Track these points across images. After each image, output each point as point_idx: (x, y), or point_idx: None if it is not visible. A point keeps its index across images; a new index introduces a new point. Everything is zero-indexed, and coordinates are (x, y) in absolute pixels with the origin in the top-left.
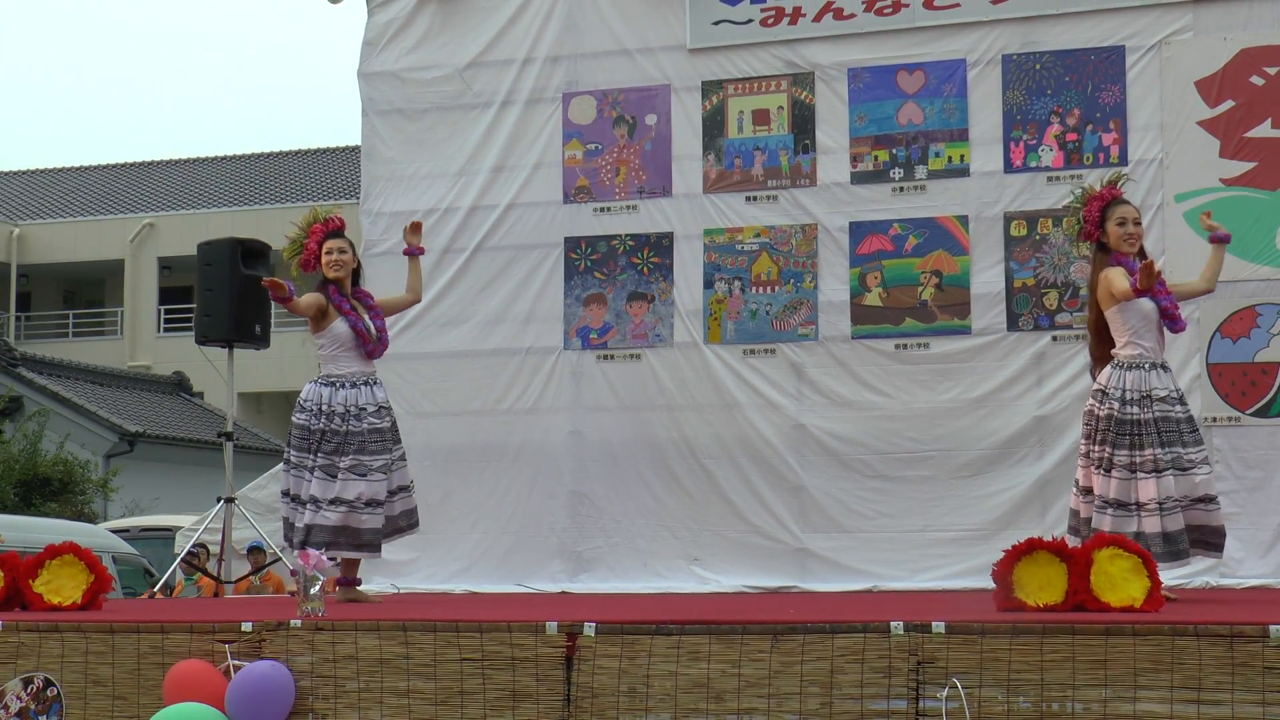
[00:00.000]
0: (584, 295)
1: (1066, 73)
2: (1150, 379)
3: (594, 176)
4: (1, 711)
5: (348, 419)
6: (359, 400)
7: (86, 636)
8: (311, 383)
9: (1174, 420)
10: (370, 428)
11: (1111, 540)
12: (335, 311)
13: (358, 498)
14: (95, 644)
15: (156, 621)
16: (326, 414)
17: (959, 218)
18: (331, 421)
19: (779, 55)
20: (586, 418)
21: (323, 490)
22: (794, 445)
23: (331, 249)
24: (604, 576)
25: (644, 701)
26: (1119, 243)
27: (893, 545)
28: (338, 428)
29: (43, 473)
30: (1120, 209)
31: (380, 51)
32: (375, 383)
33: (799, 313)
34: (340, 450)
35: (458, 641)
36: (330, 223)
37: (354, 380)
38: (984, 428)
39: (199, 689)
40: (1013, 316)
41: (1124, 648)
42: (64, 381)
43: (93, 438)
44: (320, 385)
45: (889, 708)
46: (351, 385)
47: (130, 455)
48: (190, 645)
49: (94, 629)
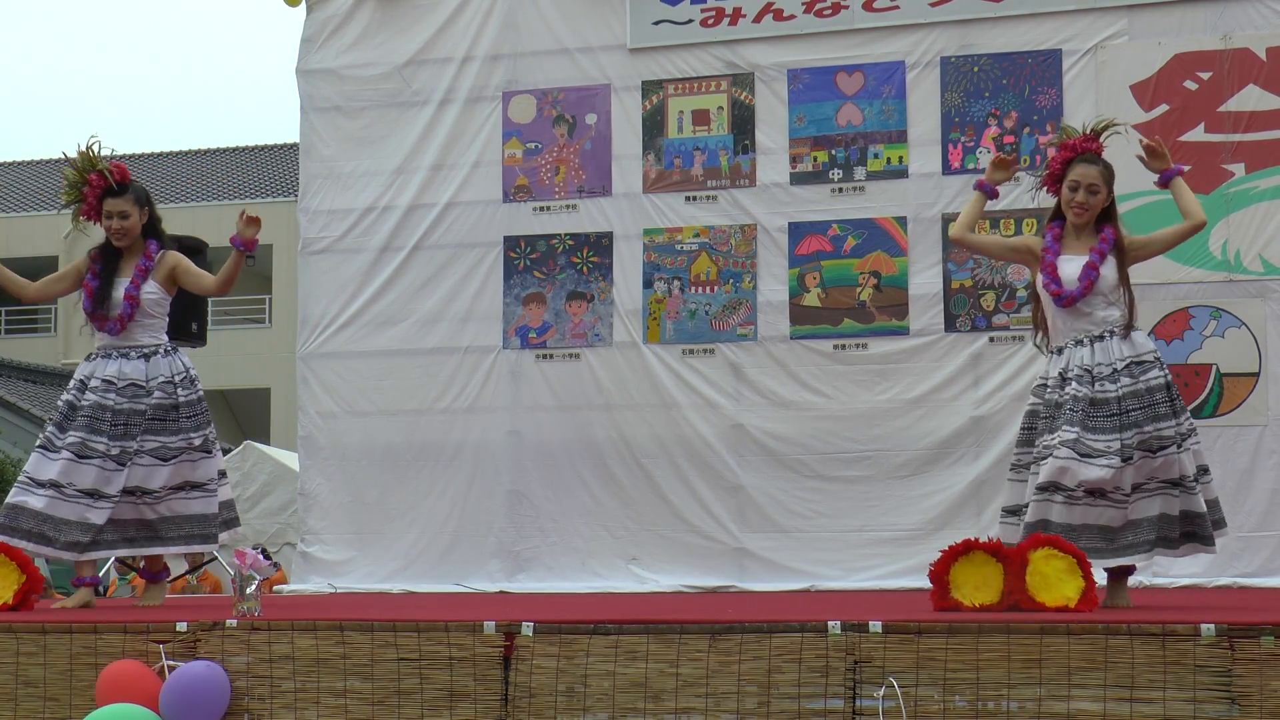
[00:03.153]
0: (523, 294)
1: (1004, 75)
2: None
3: (533, 175)
4: None
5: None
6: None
7: (18, 637)
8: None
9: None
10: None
11: (1047, 541)
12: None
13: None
14: (26, 644)
15: (90, 621)
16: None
17: (897, 219)
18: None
19: (719, 56)
20: (525, 417)
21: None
22: (732, 445)
23: (111, 212)
24: (542, 576)
25: (582, 701)
26: (1065, 208)
27: (830, 545)
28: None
29: None
30: (1078, 169)
31: (319, 49)
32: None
33: (738, 313)
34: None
35: (395, 641)
36: (112, 174)
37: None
38: (921, 428)
39: (133, 689)
40: (950, 317)
41: (1058, 647)
42: None
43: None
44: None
45: (826, 707)
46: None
47: None
48: (124, 645)
49: (25, 629)
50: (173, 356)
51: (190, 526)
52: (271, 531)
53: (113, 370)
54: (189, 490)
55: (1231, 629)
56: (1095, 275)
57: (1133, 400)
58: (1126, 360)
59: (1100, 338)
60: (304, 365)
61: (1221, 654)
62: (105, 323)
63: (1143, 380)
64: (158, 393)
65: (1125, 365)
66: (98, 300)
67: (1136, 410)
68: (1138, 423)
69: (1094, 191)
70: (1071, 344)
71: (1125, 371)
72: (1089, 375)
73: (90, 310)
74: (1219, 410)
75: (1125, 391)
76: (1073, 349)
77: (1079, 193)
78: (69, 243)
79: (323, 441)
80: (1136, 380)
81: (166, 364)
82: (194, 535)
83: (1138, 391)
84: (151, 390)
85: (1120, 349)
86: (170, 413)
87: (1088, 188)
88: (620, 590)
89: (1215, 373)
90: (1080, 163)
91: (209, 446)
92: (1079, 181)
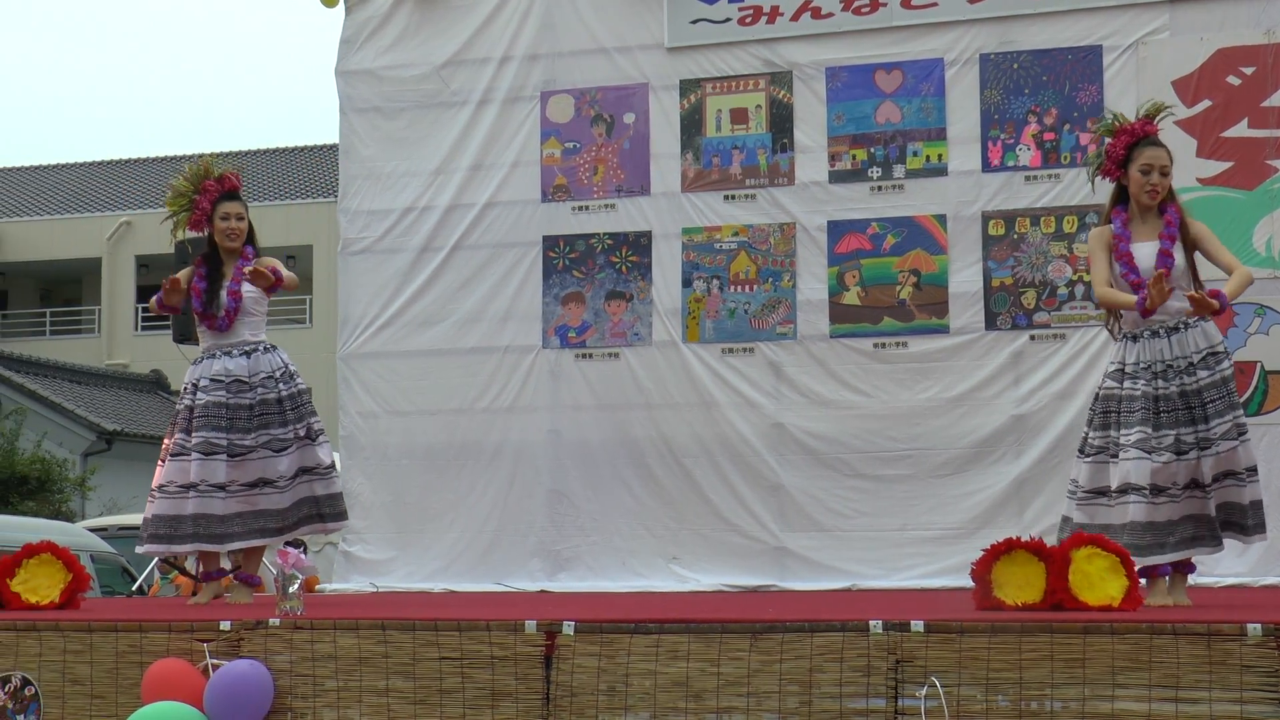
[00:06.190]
0: (562, 294)
1: (1044, 72)
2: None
3: (572, 175)
4: None
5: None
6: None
7: (64, 635)
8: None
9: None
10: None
11: (1090, 540)
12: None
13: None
14: (73, 643)
15: (134, 620)
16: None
17: (937, 217)
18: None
19: (757, 54)
20: (565, 416)
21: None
22: (772, 444)
23: (229, 213)
24: (583, 575)
25: (623, 700)
26: (1139, 192)
27: (871, 544)
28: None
29: (20, 471)
30: (1148, 151)
31: (358, 50)
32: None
33: (777, 311)
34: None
35: (437, 640)
36: (225, 180)
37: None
38: (962, 427)
39: (177, 688)
40: (990, 315)
41: (1102, 646)
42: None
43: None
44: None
45: (868, 706)
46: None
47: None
48: (168, 644)
49: (72, 628)
50: (272, 353)
51: (316, 508)
52: None
53: (218, 368)
54: (305, 476)
55: (1279, 629)
56: (1171, 261)
57: (1212, 391)
58: (1203, 352)
59: (1175, 329)
60: (344, 365)
61: (1268, 654)
62: (214, 321)
63: (1218, 371)
64: (260, 388)
65: (1202, 357)
66: (206, 301)
67: (1215, 401)
68: (1220, 412)
69: (1165, 173)
70: (1147, 335)
71: (1202, 364)
72: (1169, 370)
73: (200, 310)
74: (1264, 408)
75: (1205, 384)
76: (1148, 340)
77: (1152, 175)
78: (111, 244)
79: (363, 441)
80: (1213, 372)
81: (267, 360)
82: (325, 515)
83: (1215, 383)
84: (255, 385)
85: (1196, 340)
86: (275, 406)
87: (1160, 169)
88: (661, 590)
89: (1260, 370)
90: (1148, 145)
91: (314, 435)
92: (1151, 164)
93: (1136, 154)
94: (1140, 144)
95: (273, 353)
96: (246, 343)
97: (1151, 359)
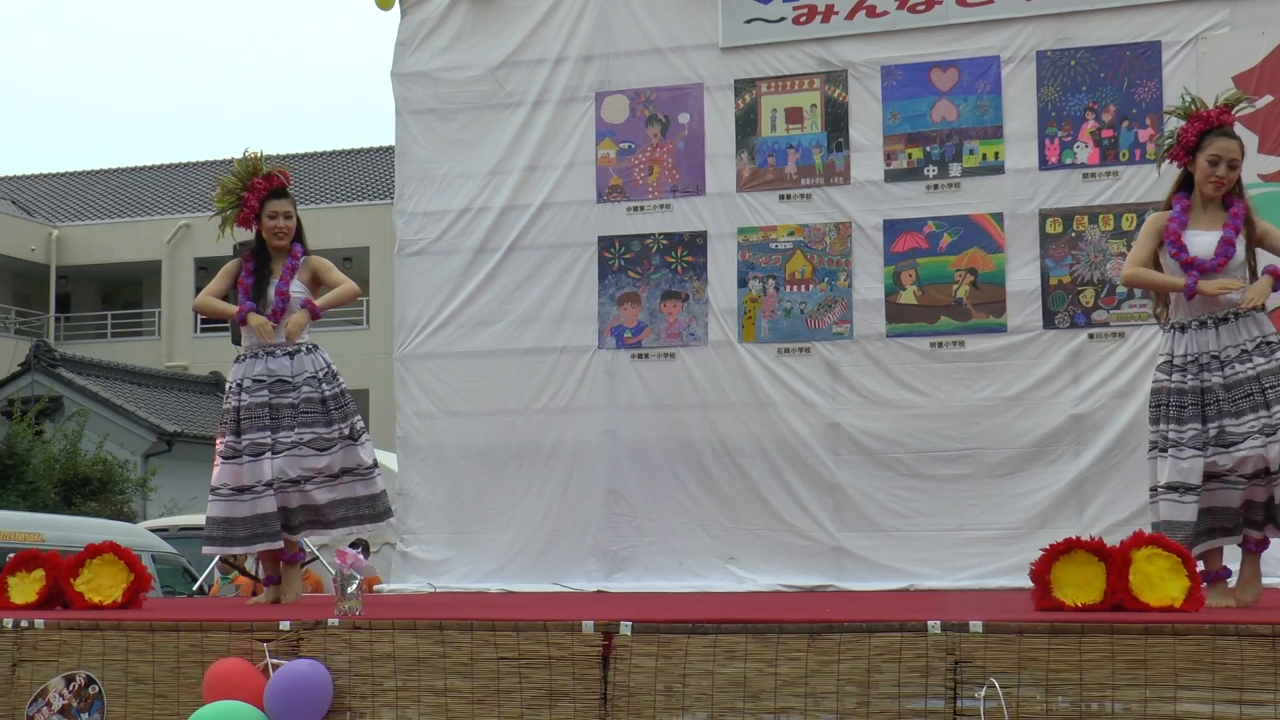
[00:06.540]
0: (618, 294)
1: (1102, 69)
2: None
3: (627, 175)
4: (44, 708)
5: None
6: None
7: (127, 635)
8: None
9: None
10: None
11: (1150, 539)
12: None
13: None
14: (135, 642)
15: (195, 620)
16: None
17: (994, 215)
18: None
19: (812, 53)
20: (621, 417)
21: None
22: (829, 444)
23: (276, 212)
24: (639, 575)
25: (681, 700)
26: (1203, 181)
27: (929, 544)
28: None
29: (82, 472)
30: (1219, 142)
31: (413, 52)
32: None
33: (833, 311)
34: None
35: (494, 640)
36: (274, 178)
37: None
38: (1020, 426)
39: (238, 687)
40: (1048, 314)
41: (1164, 647)
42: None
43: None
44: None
45: (926, 707)
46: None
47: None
48: (229, 644)
49: (134, 627)
50: (315, 353)
51: (358, 508)
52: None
53: (260, 369)
54: (348, 476)
55: None
56: (1232, 251)
57: (1271, 378)
58: (1256, 340)
59: (1224, 319)
60: (401, 366)
61: None
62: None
63: (1275, 359)
64: (305, 388)
65: (1256, 345)
66: (253, 298)
67: (1275, 388)
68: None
69: (1234, 166)
70: (1195, 326)
71: (1257, 350)
72: (1217, 361)
73: (243, 317)
74: None
75: (1261, 370)
76: (1195, 332)
77: (1219, 167)
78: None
79: (420, 442)
80: (1269, 359)
81: (310, 361)
82: (363, 516)
83: (1273, 370)
84: (299, 385)
85: (1248, 329)
86: (318, 406)
87: (1229, 162)
88: (717, 590)
89: None
90: (1219, 135)
91: (356, 435)
92: (1220, 156)
93: (1207, 143)
94: (1212, 133)
95: (315, 353)
96: (291, 342)
97: (1199, 350)
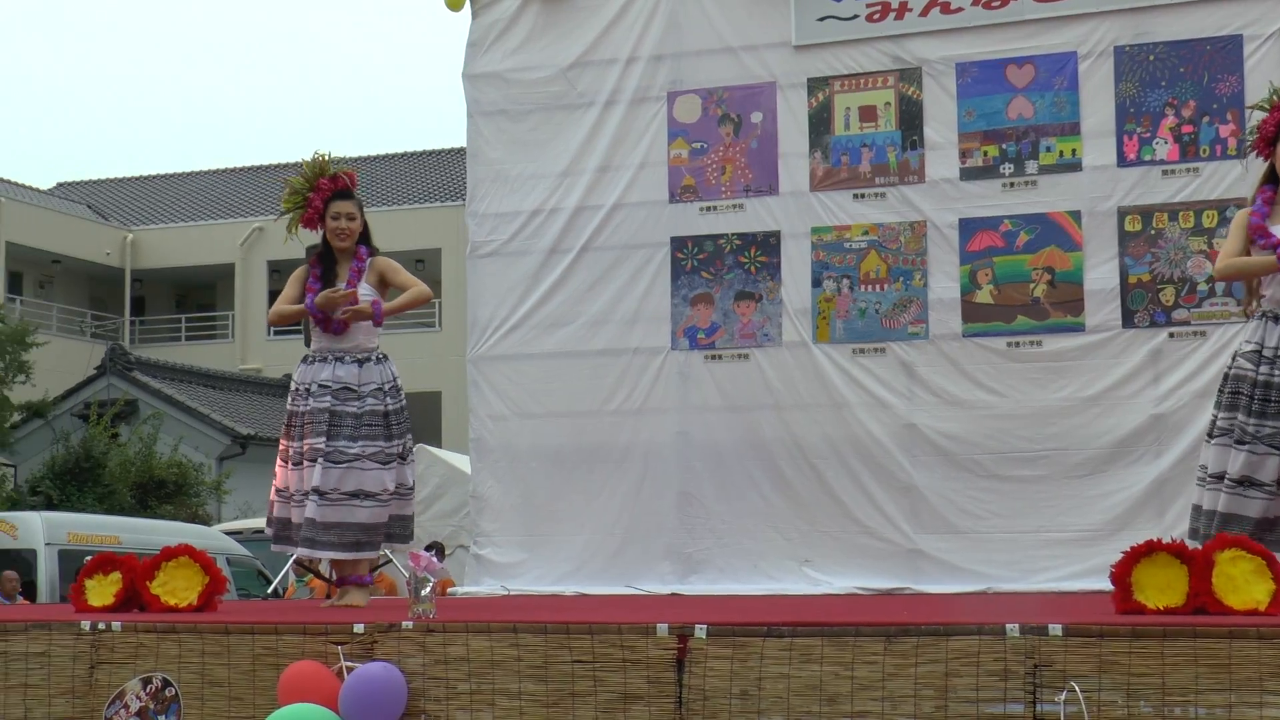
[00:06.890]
0: (691, 295)
1: (1181, 64)
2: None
3: (700, 175)
4: (122, 710)
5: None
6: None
7: (202, 637)
8: None
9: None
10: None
11: (1234, 541)
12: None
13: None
14: (211, 645)
15: (270, 623)
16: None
17: (1071, 213)
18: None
19: (885, 51)
20: (694, 418)
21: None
22: (905, 445)
23: (339, 213)
24: (713, 578)
25: (756, 704)
26: None
27: (1006, 546)
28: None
29: (158, 475)
30: None
31: (484, 53)
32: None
33: (909, 311)
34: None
35: (568, 643)
36: (339, 180)
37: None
38: (1099, 426)
39: (313, 690)
40: (1128, 313)
41: (1248, 652)
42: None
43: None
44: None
45: (1005, 712)
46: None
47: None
48: (304, 646)
49: (209, 630)
50: (383, 364)
51: (401, 527)
52: (445, 534)
53: (327, 374)
54: (399, 493)
55: None
56: None
57: None
58: None
59: None
60: (474, 368)
61: None
62: (329, 324)
63: None
64: (370, 399)
65: None
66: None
67: None
68: None
69: None
70: (1271, 319)
71: None
72: None
73: (315, 311)
74: None
75: None
76: (1271, 325)
77: None
78: (244, 250)
79: (493, 444)
80: None
81: (378, 371)
82: (394, 535)
83: None
84: (364, 395)
85: None
86: (381, 419)
87: None
88: (792, 592)
89: None
90: None
91: (405, 454)
92: None
93: None
94: None
95: (384, 364)
96: (361, 349)
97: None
